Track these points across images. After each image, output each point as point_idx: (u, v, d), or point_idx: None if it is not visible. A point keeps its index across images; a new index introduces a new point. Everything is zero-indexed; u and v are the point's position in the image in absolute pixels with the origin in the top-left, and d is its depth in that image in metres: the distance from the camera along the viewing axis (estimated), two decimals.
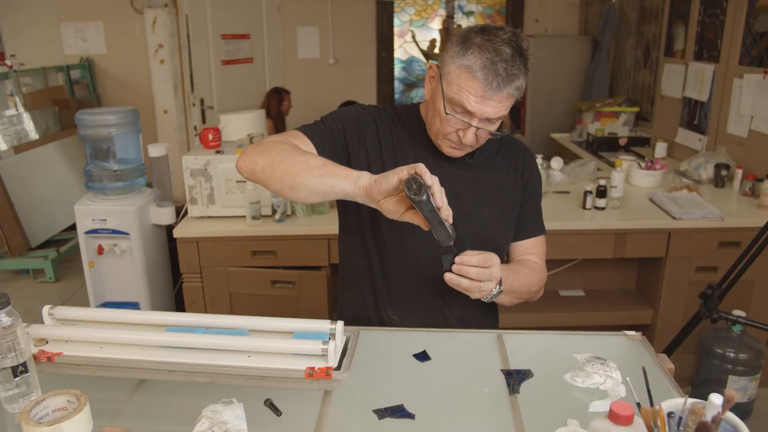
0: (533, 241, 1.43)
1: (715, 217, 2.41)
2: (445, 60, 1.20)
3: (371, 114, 1.33)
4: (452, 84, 1.17)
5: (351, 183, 1.06)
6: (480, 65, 1.13)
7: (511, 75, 1.14)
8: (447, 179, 1.31)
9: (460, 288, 1.15)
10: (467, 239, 1.32)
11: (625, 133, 3.98)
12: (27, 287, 3.90)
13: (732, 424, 0.83)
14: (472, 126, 1.19)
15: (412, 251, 1.33)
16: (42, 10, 5.28)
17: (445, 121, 1.21)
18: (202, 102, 4.70)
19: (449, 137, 1.24)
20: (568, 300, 2.74)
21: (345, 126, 1.30)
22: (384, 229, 1.33)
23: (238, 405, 0.97)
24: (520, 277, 1.32)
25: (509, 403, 1.07)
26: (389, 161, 1.31)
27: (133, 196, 2.55)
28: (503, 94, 1.15)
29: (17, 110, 4.42)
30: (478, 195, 1.34)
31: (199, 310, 2.49)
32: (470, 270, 1.12)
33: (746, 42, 2.84)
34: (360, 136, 1.31)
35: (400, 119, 1.36)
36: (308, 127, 1.29)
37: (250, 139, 2.46)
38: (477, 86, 1.14)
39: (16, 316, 0.99)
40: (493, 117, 1.18)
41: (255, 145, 1.19)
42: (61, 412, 0.94)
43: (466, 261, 1.12)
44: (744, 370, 2.37)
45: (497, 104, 1.16)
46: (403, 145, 1.33)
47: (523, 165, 1.39)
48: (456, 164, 1.33)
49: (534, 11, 5.48)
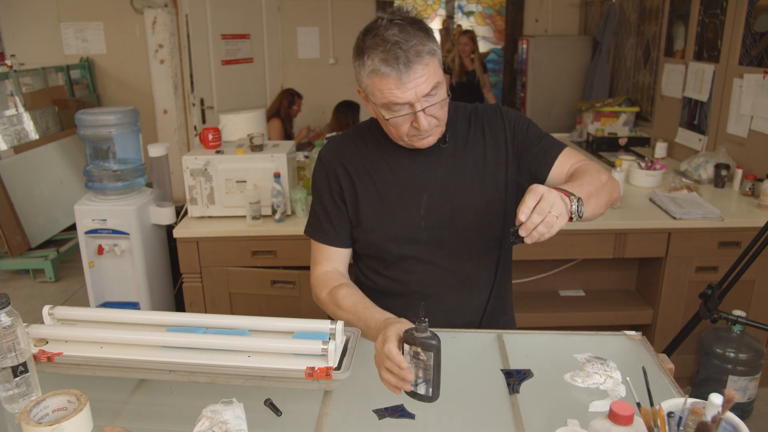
0: (561, 159, 1.33)
1: (715, 217, 2.41)
2: (358, 79, 1.21)
3: (330, 159, 1.36)
4: (374, 92, 1.18)
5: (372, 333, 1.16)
6: (380, 61, 1.13)
7: (411, 48, 1.13)
8: (429, 175, 1.31)
9: (544, 237, 1.03)
10: (469, 225, 1.32)
11: (625, 133, 3.98)
12: (27, 287, 3.90)
13: (732, 424, 0.83)
14: (417, 112, 1.17)
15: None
16: (42, 10, 5.28)
17: (394, 125, 1.21)
18: (202, 102, 4.70)
19: (411, 133, 1.23)
20: (568, 300, 2.74)
21: (325, 195, 1.37)
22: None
23: (238, 405, 0.97)
24: (583, 182, 1.19)
25: (509, 403, 1.07)
26: (366, 182, 1.33)
27: (133, 196, 2.54)
28: (417, 68, 1.13)
29: (17, 110, 4.42)
30: (465, 177, 1.32)
31: (199, 310, 2.49)
32: (535, 219, 1.01)
33: (746, 42, 2.84)
34: (338, 184, 1.35)
35: (363, 138, 1.37)
36: (313, 231, 1.40)
37: (250, 139, 2.46)
38: (390, 80, 1.14)
39: (16, 316, 0.99)
40: (426, 91, 1.16)
41: (313, 291, 1.38)
42: (61, 412, 0.94)
43: (529, 225, 1.01)
44: (744, 370, 2.37)
45: (419, 79, 1.14)
46: (375, 161, 1.34)
47: (497, 124, 1.34)
48: (433, 156, 1.32)
49: (534, 11, 5.48)
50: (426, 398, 1.05)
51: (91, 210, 2.47)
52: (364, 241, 1.37)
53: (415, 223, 1.32)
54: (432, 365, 1.02)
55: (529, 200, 1.02)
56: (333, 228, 1.37)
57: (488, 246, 1.36)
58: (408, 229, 1.32)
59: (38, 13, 5.30)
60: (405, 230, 1.32)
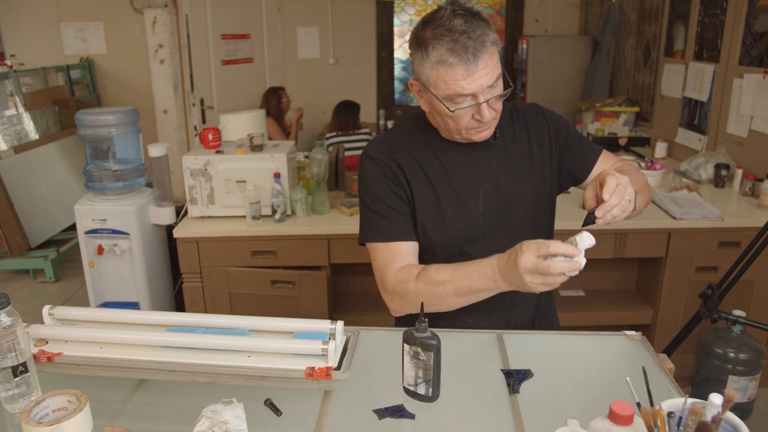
0: (600, 161, 1.37)
1: (715, 217, 2.41)
2: (417, 71, 1.20)
3: (383, 158, 1.31)
4: (438, 84, 1.17)
5: (490, 280, 1.14)
6: (447, 51, 1.12)
7: (478, 38, 1.12)
8: (482, 171, 1.30)
9: (616, 220, 1.11)
10: (522, 219, 1.31)
11: (625, 133, 3.98)
12: (27, 287, 3.90)
13: (732, 424, 0.83)
14: (481, 103, 1.17)
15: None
16: (42, 10, 5.28)
17: (457, 117, 1.20)
18: (202, 102, 4.70)
19: (470, 126, 1.22)
20: (568, 300, 2.74)
21: (385, 193, 1.29)
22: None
23: (238, 405, 0.97)
24: (631, 179, 1.19)
25: (509, 403, 1.07)
26: (422, 180, 1.30)
27: (133, 196, 2.54)
28: (484, 58, 1.13)
29: (17, 110, 4.42)
30: (516, 173, 1.32)
31: (199, 310, 2.49)
32: (614, 201, 1.07)
33: (746, 42, 2.84)
34: (397, 181, 1.29)
35: (411, 135, 1.34)
36: (373, 234, 1.29)
37: (250, 139, 2.46)
38: (458, 70, 1.13)
39: (16, 316, 0.99)
40: (492, 82, 1.16)
41: (394, 297, 1.26)
42: (61, 412, 0.94)
43: (607, 207, 1.07)
44: (744, 370, 2.37)
45: (485, 70, 1.14)
46: (426, 158, 1.31)
47: (540, 124, 1.36)
48: (485, 152, 1.31)
49: (534, 11, 5.48)
50: (426, 398, 1.05)
51: (91, 210, 2.47)
52: (421, 240, 1.33)
53: (474, 220, 1.30)
54: (432, 365, 1.02)
55: (611, 182, 1.07)
56: (399, 223, 1.29)
57: (538, 237, 1.32)
58: (468, 227, 1.30)
59: (38, 13, 5.30)
60: (465, 228, 1.30)
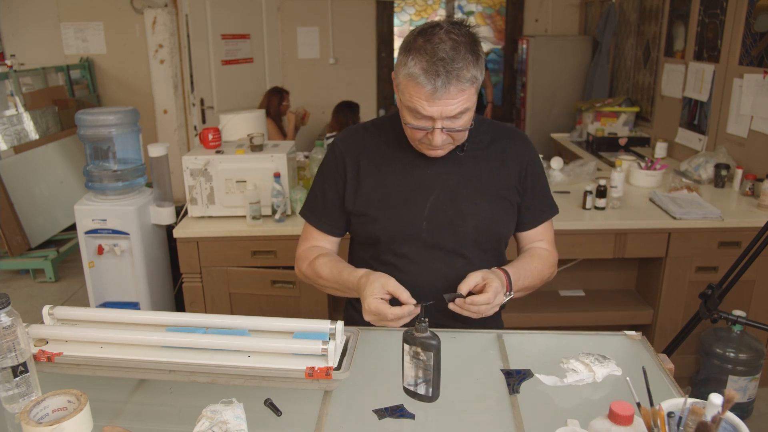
0: (541, 227, 1.42)
1: (715, 217, 2.41)
2: (396, 70, 1.21)
3: (343, 149, 1.37)
4: (404, 93, 1.18)
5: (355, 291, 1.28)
6: (420, 70, 1.12)
7: (455, 70, 1.11)
8: (439, 178, 1.31)
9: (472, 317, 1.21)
10: (468, 237, 1.32)
11: (625, 133, 3.98)
12: (27, 287, 3.90)
13: (732, 424, 0.83)
14: (435, 128, 1.18)
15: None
16: (42, 10, 5.28)
17: (411, 129, 1.22)
18: (202, 102, 4.70)
19: (422, 141, 1.24)
20: (568, 300, 2.74)
21: (328, 182, 1.39)
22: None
23: (238, 405, 0.97)
24: (531, 273, 1.34)
25: (509, 403, 1.07)
26: (375, 173, 1.34)
27: (133, 196, 2.54)
28: (452, 91, 1.13)
29: (17, 110, 4.42)
30: (474, 188, 1.33)
31: (199, 310, 2.49)
32: (480, 308, 1.18)
33: (746, 42, 2.84)
34: (344, 174, 1.36)
35: (382, 131, 1.37)
36: (307, 211, 1.44)
37: (250, 139, 2.46)
38: (423, 91, 1.13)
39: (16, 316, 0.99)
40: (452, 114, 1.16)
41: (296, 264, 1.45)
42: (61, 412, 0.94)
43: (476, 301, 1.17)
44: (744, 370, 2.37)
45: (451, 101, 1.14)
46: (388, 155, 1.34)
47: (519, 153, 1.36)
48: (448, 160, 1.32)
49: (534, 11, 5.48)
50: (426, 398, 1.05)
51: (91, 210, 2.47)
52: (363, 232, 1.37)
53: (416, 223, 1.32)
54: (432, 365, 1.02)
55: (484, 299, 1.17)
56: (326, 215, 1.40)
57: (482, 260, 1.35)
58: (408, 227, 1.32)
59: (38, 13, 5.30)
60: (404, 228, 1.32)
